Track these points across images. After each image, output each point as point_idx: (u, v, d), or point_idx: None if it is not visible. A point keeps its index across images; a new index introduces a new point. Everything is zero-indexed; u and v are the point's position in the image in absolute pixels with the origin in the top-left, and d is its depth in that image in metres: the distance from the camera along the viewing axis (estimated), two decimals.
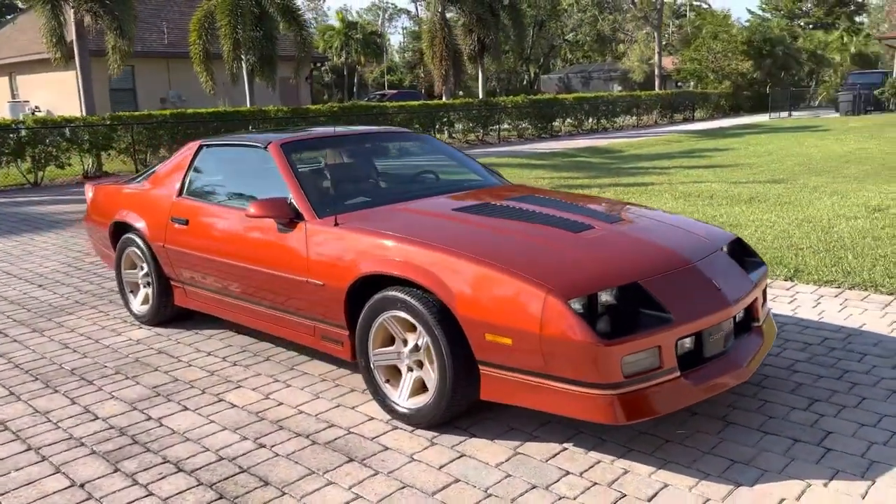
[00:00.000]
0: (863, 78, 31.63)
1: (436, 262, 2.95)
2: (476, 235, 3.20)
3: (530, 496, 2.60)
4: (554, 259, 2.93)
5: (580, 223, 3.33)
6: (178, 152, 4.67)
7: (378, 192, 4.15)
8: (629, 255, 3.02)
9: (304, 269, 3.48)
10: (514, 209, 3.56)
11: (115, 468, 2.93)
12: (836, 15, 65.36)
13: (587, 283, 2.75)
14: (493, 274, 2.80)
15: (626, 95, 28.80)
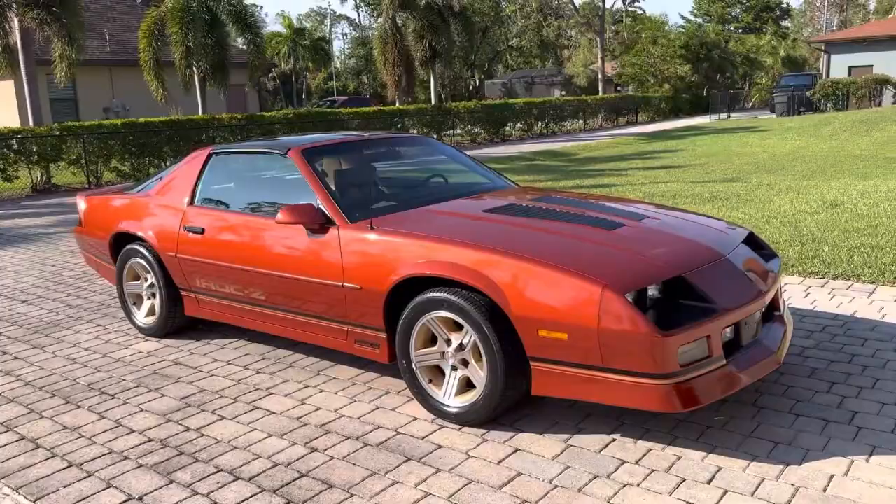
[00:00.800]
0: (794, 80, 33.01)
1: (485, 262, 3.03)
2: (518, 235, 3.28)
3: (594, 485, 2.69)
4: (601, 256, 3.04)
5: (611, 221, 3.45)
6: (185, 161, 4.62)
7: (401, 196, 4.19)
8: (668, 249, 3.16)
9: (338, 273, 3.51)
10: (542, 209, 3.66)
11: (169, 479, 2.90)
12: (763, 20, 68.01)
13: (639, 277, 2.88)
14: (547, 272, 2.89)
15: (573, 100, 29.38)
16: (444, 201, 3.94)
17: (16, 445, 3.27)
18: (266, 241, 3.86)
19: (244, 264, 3.95)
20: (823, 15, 68.27)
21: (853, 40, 31.68)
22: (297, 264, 3.69)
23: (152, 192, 4.66)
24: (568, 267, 2.89)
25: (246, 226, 4.00)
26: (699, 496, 2.58)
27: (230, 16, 17.44)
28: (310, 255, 3.64)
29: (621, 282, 2.80)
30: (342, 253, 3.50)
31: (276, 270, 3.78)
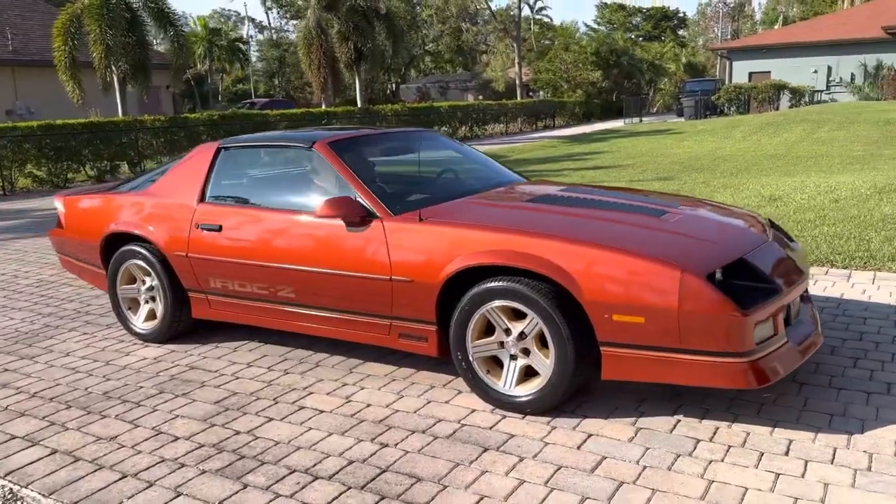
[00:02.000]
0: (699, 85, 34.69)
1: (554, 250, 3.05)
2: (577, 223, 3.32)
3: (681, 464, 2.76)
4: (667, 241, 3.13)
5: (653, 209, 3.55)
6: (188, 157, 4.41)
7: (432, 188, 4.14)
8: (722, 234, 3.28)
9: (384, 267, 3.44)
10: (581, 199, 3.73)
11: (242, 484, 2.77)
12: (661, 28, 71.22)
13: (710, 260, 2.98)
14: (621, 258, 2.94)
15: (495, 104, 29.83)
16: (476, 192, 3.95)
17: (51, 459, 3.05)
18: (298, 237, 3.74)
19: (271, 261, 3.81)
20: (718, 25, 72.12)
21: (753, 48, 33.62)
22: (335, 259, 3.60)
23: (151, 190, 4.43)
24: (643, 252, 2.95)
25: (273, 221, 3.85)
26: (785, 467, 2.69)
27: (152, 14, 16.72)
28: (351, 249, 3.56)
29: (698, 265, 2.89)
30: (388, 246, 3.44)
31: (311, 266, 3.68)
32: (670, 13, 72.75)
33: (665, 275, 2.85)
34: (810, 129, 20.48)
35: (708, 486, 2.59)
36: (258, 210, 3.95)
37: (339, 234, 3.60)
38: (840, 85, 31.35)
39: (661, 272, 2.86)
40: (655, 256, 2.92)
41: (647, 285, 2.87)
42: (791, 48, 32.15)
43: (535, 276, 3.11)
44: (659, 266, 2.88)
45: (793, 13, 70.11)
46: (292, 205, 3.89)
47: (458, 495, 2.61)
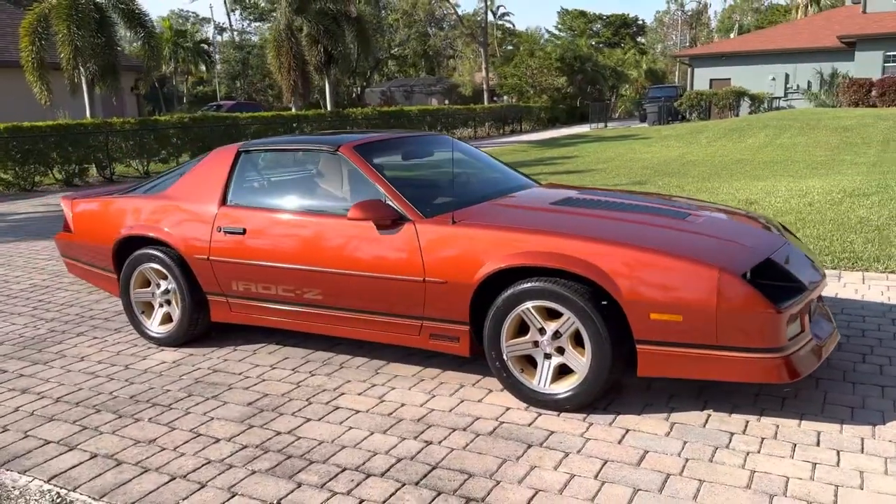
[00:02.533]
0: (661, 91, 35.42)
1: (593, 252, 3.15)
2: (610, 225, 3.44)
3: (721, 456, 2.88)
4: (700, 242, 3.26)
5: (677, 211, 3.68)
6: (206, 160, 4.41)
7: (455, 191, 4.19)
8: (747, 235, 3.43)
9: (417, 269, 3.51)
10: (604, 202, 3.84)
11: (296, 483, 2.81)
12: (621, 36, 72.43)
13: (743, 260, 3.11)
14: (660, 258, 3.06)
15: (464, 109, 30.00)
16: (497, 196, 4.04)
17: (93, 463, 3.03)
18: (327, 239, 3.78)
19: (298, 264, 3.84)
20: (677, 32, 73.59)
21: (714, 55, 34.45)
22: (366, 261, 3.65)
23: (168, 193, 4.41)
24: (681, 253, 3.07)
25: (300, 224, 3.88)
26: (819, 457, 2.83)
27: (122, 14, 16.45)
28: (382, 251, 3.61)
29: (733, 264, 3.03)
30: (421, 248, 3.51)
31: (340, 268, 3.72)
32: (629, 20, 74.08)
33: (704, 274, 2.97)
34: (773, 134, 21.08)
35: (751, 476, 2.72)
36: (284, 213, 3.97)
37: (369, 237, 3.65)
38: (797, 92, 32.31)
39: (700, 272, 2.98)
40: (693, 257, 3.05)
41: (685, 284, 2.99)
42: (750, 56, 33.04)
43: (571, 277, 3.21)
44: (698, 266, 3.00)
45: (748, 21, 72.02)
46: (319, 208, 3.93)
47: (513, 490, 2.69)
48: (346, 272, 3.70)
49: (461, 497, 2.66)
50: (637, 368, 3.17)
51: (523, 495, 2.65)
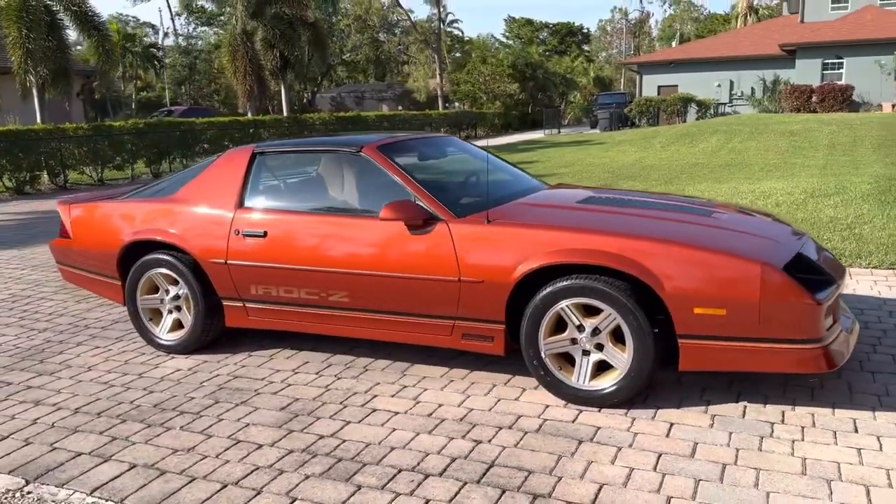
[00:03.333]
0: (610, 98, 36.11)
1: (634, 249, 3.19)
2: (641, 222, 3.50)
3: (769, 444, 2.96)
4: (735, 237, 3.34)
5: (700, 208, 3.77)
6: (217, 162, 4.31)
7: (479, 191, 4.19)
8: (776, 231, 3.53)
9: (452, 269, 3.50)
10: (628, 200, 3.91)
11: (356, 485, 2.77)
12: (567, 44, 73.58)
13: (780, 254, 3.21)
14: (702, 254, 3.13)
15: (420, 114, 30.06)
16: (519, 195, 4.06)
17: (134, 473, 2.93)
18: (355, 240, 3.74)
19: (324, 266, 3.79)
20: (619, 41, 75.16)
21: (661, 63, 35.32)
22: (398, 262, 3.62)
23: (179, 196, 4.29)
24: (722, 248, 3.15)
25: (324, 226, 3.83)
26: (861, 443, 2.93)
27: (74, 17, 15.93)
28: (413, 251, 3.59)
29: (773, 258, 3.12)
30: (456, 248, 3.50)
31: (370, 270, 3.68)
32: (575, 29, 75.39)
33: (747, 269, 3.05)
34: (724, 139, 21.72)
35: (803, 463, 2.80)
36: (308, 215, 3.91)
37: (399, 237, 3.63)
38: (742, 98, 33.37)
39: (744, 266, 3.06)
40: (735, 252, 3.13)
41: (729, 279, 3.06)
42: (696, 63, 34.00)
43: (611, 273, 3.25)
44: (741, 261, 3.08)
45: (688, 30, 74.08)
46: (343, 209, 3.89)
47: (576, 485, 2.71)
48: (376, 273, 3.67)
49: (527, 494, 2.66)
50: (678, 363, 3.23)
51: (588, 490, 2.67)
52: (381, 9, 40.64)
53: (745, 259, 3.09)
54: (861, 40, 29.28)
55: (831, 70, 30.29)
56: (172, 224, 4.21)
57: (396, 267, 3.63)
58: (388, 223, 3.64)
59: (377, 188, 3.86)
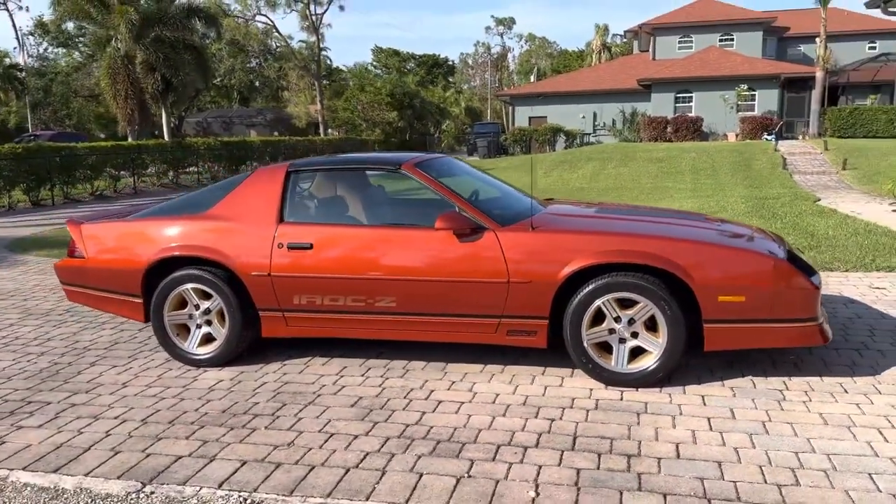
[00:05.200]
0: (484, 128, 37.72)
1: (668, 247, 3.77)
2: (662, 226, 4.09)
3: (789, 405, 3.59)
4: (739, 238, 3.99)
5: (698, 217, 4.43)
6: (250, 181, 4.47)
7: (503, 203, 4.59)
8: (763, 236, 4.23)
9: (501, 271, 3.92)
10: (634, 209, 4.52)
11: (468, 460, 3.11)
12: (434, 74, 75.64)
13: (780, 250, 3.89)
14: (725, 251, 3.76)
15: (304, 140, 30.03)
16: (537, 209, 4.55)
17: (249, 468, 3.11)
18: (405, 249, 4.06)
19: (373, 274, 4.08)
20: (482, 73, 78.24)
21: (532, 95, 37.38)
22: (448, 268, 3.99)
23: (213, 213, 4.41)
24: (739, 246, 3.79)
25: (374, 236, 4.13)
26: (856, 400, 3.64)
27: None
28: (463, 258, 3.98)
29: (778, 253, 3.79)
30: (504, 253, 3.93)
31: (420, 276, 4.02)
32: (440, 61, 77.73)
33: (762, 262, 3.71)
34: (599, 166, 23.41)
35: (821, 416, 3.45)
36: (353, 227, 4.19)
37: (449, 245, 4.00)
38: (604, 129, 35.94)
39: (759, 260, 3.72)
40: (749, 248, 3.78)
41: (748, 271, 3.70)
42: (563, 96, 36.30)
43: (647, 270, 3.81)
44: (757, 255, 3.74)
45: (543, 65, 78.46)
46: (389, 220, 4.20)
47: (656, 445, 3.20)
48: (426, 279, 4.02)
49: (620, 455, 3.12)
50: (703, 345, 3.82)
51: (668, 448, 3.17)
52: (258, 34, 40.16)
53: (759, 253, 3.75)
54: (706, 77, 32.53)
55: (682, 103, 33.36)
56: (209, 240, 4.33)
57: (446, 272, 3.99)
58: (437, 232, 4.01)
59: (417, 201, 4.21)
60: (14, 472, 3.15)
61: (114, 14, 20.79)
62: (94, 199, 18.41)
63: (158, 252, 4.39)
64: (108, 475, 3.09)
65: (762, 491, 2.78)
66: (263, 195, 4.39)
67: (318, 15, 40.52)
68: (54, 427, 3.61)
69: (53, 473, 3.13)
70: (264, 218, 4.32)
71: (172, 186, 21.79)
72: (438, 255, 4.02)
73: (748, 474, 2.91)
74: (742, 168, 20.84)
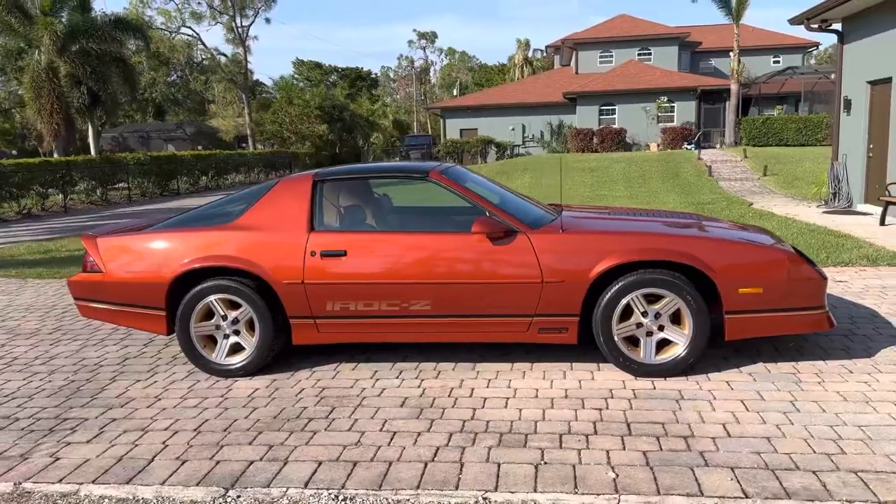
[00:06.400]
0: (416, 140, 38.04)
1: (693, 246, 4.05)
2: (679, 228, 4.37)
3: (806, 386, 3.92)
4: (754, 236, 4.33)
5: (708, 218, 4.77)
6: (279, 190, 4.50)
7: (521, 208, 4.77)
8: (767, 234, 4.59)
9: (536, 272, 4.12)
10: (643, 212, 4.80)
11: (537, 448, 3.28)
12: (357, 87, 75.52)
13: (788, 247, 4.24)
14: (743, 247, 4.07)
15: (236, 154, 29.49)
16: (556, 212, 4.78)
17: (328, 467, 3.19)
18: (441, 253, 4.20)
19: (409, 279, 4.20)
20: (406, 86, 78.70)
21: (462, 108, 37.92)
22: (483, 270, 4.15)
23: (240, 222, 4.43)
24: (754, 242, 4.12)
25: (408, 242, 4.25)
26: (863, 379, 4.01)
27: None
28: (497, 260, 4.16)
29: (788, 248, 4.14)
30: (538, 254, 4.13)
31: (456, 279, 4.17)
32: (364, 74, 77.71)
33: (777, 256, 4.05)
34: (536, 176, 24.02)
35: (839, 393, 3.79)
36: (388, 234, 4.30)
37: (483, 248, 4.17)
38: (533, 140, 36.82)
39: (774, 254, 4.06)
40: (764, 244, 4.11)
41: (765, 265, 4.03)
42: (493, 109, 37.00)
43: (673, 267, 4.08)
44: (770, 250, 4.07)
45: (465, 79, 79.63)
46: (421, 226, 4.33)
47: (705, 426, 3.46)
48: (462, 281, 4.17)
49: (676, 436, 3.36)
50: (724, 335, 4.12)
51: (716, 428, 3.43)
52: (184, 46, 39.18)
53: (773, 248, 4.09)
54: (628, 90, 33.87)
55: (607, 115, 34.59)
56: (239, 250, 4.35)
57: (482, 274, 4.16)
58: (471, 236, 4.18)
59: (445, 207, 4.37)
60: (84, 486, 3.12)
61: (37, 26, 19.95)
62: (22, 218, 17.59)
63: (186, 263, 4.37)
64: (185, 483, 3.10)
65: (815, 460, 3.07)
66: (292, 204, 4.44)
67: (245, 27, 40.10)
68: (105, 441, 3.57)
69: (127, 485, 3.11)
70: (294, 227, 4.37)
71: (102, 203, 21.05)
72: (473, 258, 4.18)
73: (797, 447, 3.20)
74: (671, 176, 21.82)
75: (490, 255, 4.18)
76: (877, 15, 11.55)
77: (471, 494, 2.91)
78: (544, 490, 2.91)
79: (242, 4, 39.58)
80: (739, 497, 2.80)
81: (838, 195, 13.06)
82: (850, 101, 12.69)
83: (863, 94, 12.18)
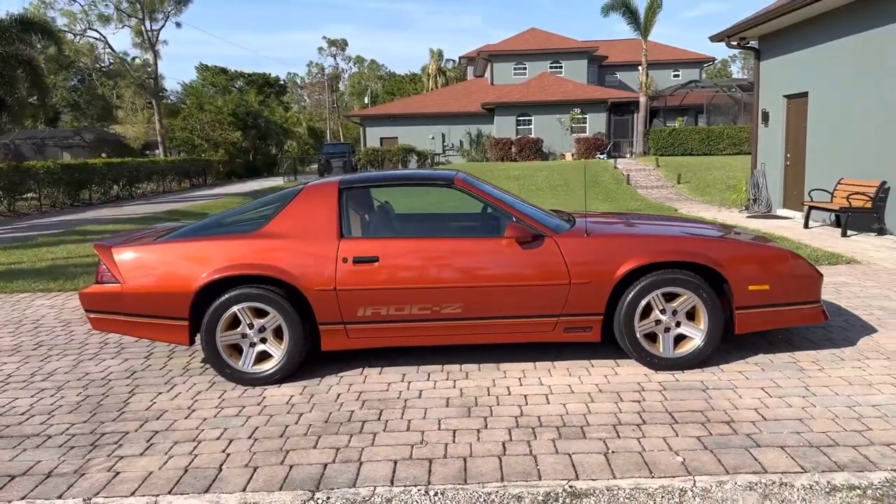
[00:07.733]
0: (334, 148, 37.70)
1: (708, 248, 4.37)
2: (697, 231, 4.70)
3: (811, 373, 4.31)
4: (755, 238, 4.70)
5: (710, 224, 5.12)
6: (304, 198, 4.51)
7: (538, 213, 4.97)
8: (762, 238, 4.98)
9: (562, 274, 4.34)
10: (648, 217, 5.10)
11: (599, 439, 3.48)
12: (266, 94, 74.04)
13: (786, 247, 4.62)
14: (751, 248, 4.43)
15: (148, 162, 28.37)
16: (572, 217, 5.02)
17: (406, 465, 3.28)
18: (471, 258, 4.35)
19: (441, 283, 4.32)
20: (317, 93, 77.92)
21: (382, 116, 37.96)
22: (515, 273, 4.33)
23: (266, 230, 4.42)
24: (760, 244, 4.48)
25: (439, 247, 4.36)
26: (856, 365, 4.44)
27: None
28: (526, 263, 4.34)
29: (787, 249, 4.53)
30: (565, 257, 4.35)
31: (487, 282, 4.33)
32: (272, 80, 76.30)
33: (782, 255, 4.43)
34: None
35: (843, 378, 4.19)
36: (419, 240, 4.40)
37: (513, 252, 4.35)
38: (453, 149, 37.31)
39: (778, 254, 4.43)
40: (768, 245, 4.49)
41: (770, 263, 4.40)
42: (413, 118, 37.27)
43: (689, 267, 4.39)
44: (775, 250, 4.45)
45: (375, 87, 79.70)
46: (447, 232, 4.46)
47: (739, 411, 3.76)
48: (493, 284, 4.33)
49: (718, 422, 3.64)
50: (734, 329, 4.46)
51: (750, 413, 3.74)
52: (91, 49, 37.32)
53: (777, 248, 4.47)
54: (543, 101, 34.93)
55: (524, 125, 35.52)
56: (268, 258, 4.34)
57: (512, 277, 4.33)
58: (501, 240, 4.35)
59: (469, 213, 4.52)
60: (163, 497, 3.08)
61: None
62: None
63: (212, 272, 4.32)
64: (267, 489, 3.11)
65: (849, 436, 3.42)
66: (320, 212, 4.47)
67: (154, 31, 38.64)
68: (160, 453, 3.51)
69: (207, 493, 3.10)
70: (324, 234, 4.41)
71: (9, 214, 19.83)
72: (505, 261, 4.35)
73: (828, 426, 3.54)
74: (592, 184, 22.66)
75: (520, 259, 4.36)
76: (789, 35, 12.54)
77: (556, 483, 3.07)
78: (623, 476, 3.11)
79: (152, 7, 38.18)
80: (799, 472, 3.09)
81: (758, 201, 14.03)
82: (768, 114, 13.68)
83: (780, 108, 13.16)
